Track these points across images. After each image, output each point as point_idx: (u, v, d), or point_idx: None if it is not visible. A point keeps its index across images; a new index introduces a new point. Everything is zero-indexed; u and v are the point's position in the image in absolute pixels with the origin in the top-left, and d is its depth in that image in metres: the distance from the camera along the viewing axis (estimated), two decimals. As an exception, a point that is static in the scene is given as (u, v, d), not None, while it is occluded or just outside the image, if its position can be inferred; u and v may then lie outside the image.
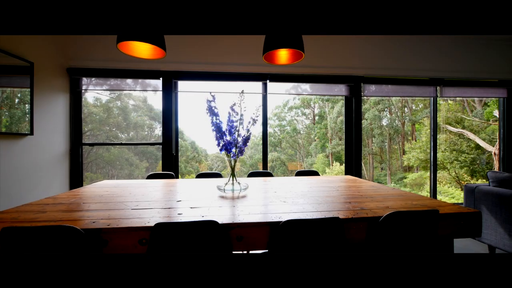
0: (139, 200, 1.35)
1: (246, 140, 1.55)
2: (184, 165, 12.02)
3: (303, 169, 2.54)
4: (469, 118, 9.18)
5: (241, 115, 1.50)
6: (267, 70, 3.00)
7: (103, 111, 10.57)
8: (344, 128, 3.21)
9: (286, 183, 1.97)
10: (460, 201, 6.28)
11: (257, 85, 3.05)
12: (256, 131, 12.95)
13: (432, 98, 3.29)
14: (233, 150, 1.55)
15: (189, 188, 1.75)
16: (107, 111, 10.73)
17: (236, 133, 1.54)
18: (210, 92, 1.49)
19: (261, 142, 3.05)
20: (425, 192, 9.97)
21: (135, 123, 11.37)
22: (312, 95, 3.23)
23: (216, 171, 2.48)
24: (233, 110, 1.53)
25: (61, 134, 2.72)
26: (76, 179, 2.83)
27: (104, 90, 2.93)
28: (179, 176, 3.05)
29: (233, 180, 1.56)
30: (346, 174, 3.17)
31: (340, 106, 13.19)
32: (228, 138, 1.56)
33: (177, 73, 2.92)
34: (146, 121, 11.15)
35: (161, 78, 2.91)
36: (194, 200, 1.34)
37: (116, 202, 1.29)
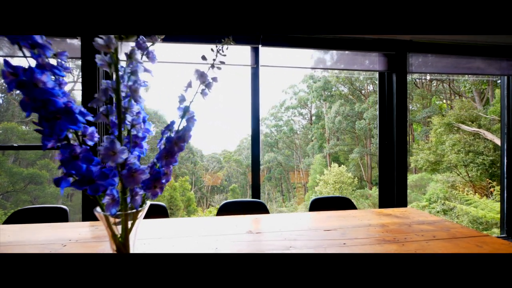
0: None
1: (175, 146, 0.40)
2: (178, 166, 11.51)
3: (322, 195, 1.41)
4: (487, 116, 8.22)
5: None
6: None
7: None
8: (377, 124, 2.07)
9: (304, 245, 0.82)
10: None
11: (243, 52, 1.88)
12: (246, 132, 11.84)
13: (506, 77, 2.20)
14: (109, 190, 0.39)
15: None
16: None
17: (129, 112, 0.38)
18: None
19: (255, 144, 1.90)
20: (429, 195, 8.97)
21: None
22: (329, 69, 2.11)
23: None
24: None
25: None
26: None
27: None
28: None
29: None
30: (380, 197, 2.02)
31: (338, 106, 12.35)
32: (87, 136, 0.41)
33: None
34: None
35: (79, 37, 1.72)
36: None
37: None
